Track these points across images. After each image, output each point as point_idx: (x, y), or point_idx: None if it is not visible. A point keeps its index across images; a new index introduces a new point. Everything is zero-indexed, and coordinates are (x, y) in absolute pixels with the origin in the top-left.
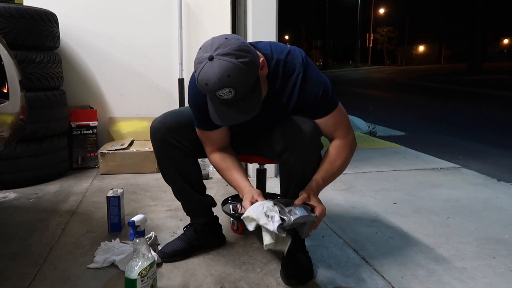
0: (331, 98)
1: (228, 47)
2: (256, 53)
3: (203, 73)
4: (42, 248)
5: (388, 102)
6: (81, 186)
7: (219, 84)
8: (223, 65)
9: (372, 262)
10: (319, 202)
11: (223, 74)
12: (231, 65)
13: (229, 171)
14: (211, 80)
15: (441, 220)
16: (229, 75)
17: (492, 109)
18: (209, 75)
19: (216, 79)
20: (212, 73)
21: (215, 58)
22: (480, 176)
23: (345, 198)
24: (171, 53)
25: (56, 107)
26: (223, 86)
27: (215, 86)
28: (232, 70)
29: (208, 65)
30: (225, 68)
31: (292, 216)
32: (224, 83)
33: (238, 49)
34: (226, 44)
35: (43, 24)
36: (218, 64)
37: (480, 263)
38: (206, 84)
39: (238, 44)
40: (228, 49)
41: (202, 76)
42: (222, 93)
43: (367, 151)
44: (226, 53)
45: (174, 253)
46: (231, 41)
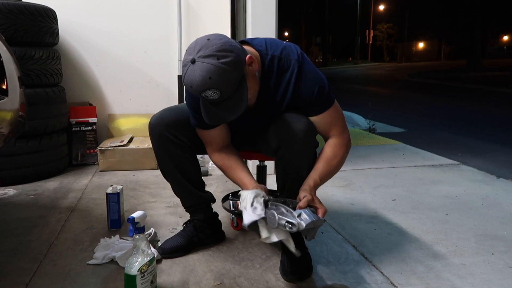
0: (327, 96)
1: (209, 48)
2: (242, 50)
3: (187, 77)
4: (42, 244)
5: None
6: (81, 182)
7: (202, 86)
8: (204, 68)
9: (371, 258)
10: (320, 203)
11: (205, 77)
12: (212, 67)
13: (233, 169)
14: (194, 83)
15: (440, 217)
16: (211, 77)
17: (492, 106)
18: (192, 78)
19: (199, 81)
20: (194, 76)
21: (196, 61)
22: (479, 173)
23: (344, 194)
24: (170, 49)
25: (55, 104)
26: (206, 88)
27: (199, 89)
28: (213, 72)
29: (191, 68)
30: (206, 70)
31: (303, 222)
32: (207, 85)
33: (220, 49)
34: (207, 46)
35: (42, 20)
36: (200, 67)
37: (478, 259)
38: (191, 86)
39: (219, 45)
40: (209, 51)
41: (186, 79)
42: (207, 94)
43: (366, 148)
44: (207, 55)
45: (174, 249)
46: (213, 42)
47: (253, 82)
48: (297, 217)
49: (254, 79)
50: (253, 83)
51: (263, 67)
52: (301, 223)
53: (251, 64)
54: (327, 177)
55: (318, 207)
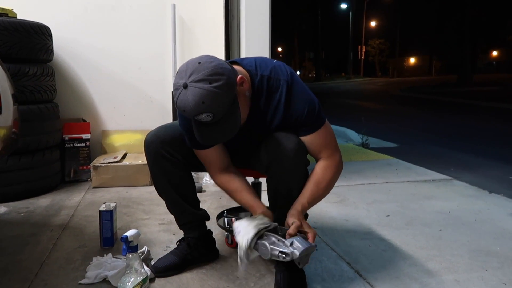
0: (317, 116)
1: (201, 72)
2: (233, 71)
3: (180, 101)
4: (33, 263)
5: (380, 113)
6: (73, 199)
7: (195, 111)
8: (197, 93)
9: (366, 276)
10: (309, 227)
11: (198, 101)
12: (205, 92)
13: (239, 192)
14: (187, 107)
15: (434, 232)
16: (204, 102)
17: (482, 121)
18: (185, 103)
19: (192, 106)
20: (187, 101)
21: (189, 86)
22: (472, 188)
23: (338, 210)
24: (164, 65)
25: (48, 120)
26: (200, 112)
27: (192, 113)
28: (206, 97)
29: (183, 93)
30: (199, 95)
31: (296, 250)
32: (200, 109)
33: (211, 73)
34: (199, 70)
35: (36, 37)
36: (192, 92)
37: (472, 276)
38: (184, 110)
39: (211, 68)
40: (201, 75)
41: (179, 104)
42: (201, 118)
43: (360, 163)
44: (199, 79)
45: (167, 267)
46: (204, 66)
47: (243, 101)
48: (289, 246)
49: (245, 98)
50: (243, 103)
51: (253, 87)
52: (294, 252)
53: (242, 84)
54: (316, 200)
55: (307, 231)
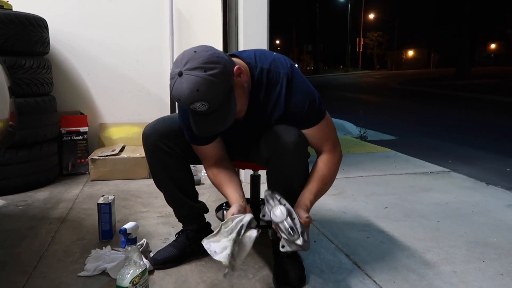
0: (318, 109)
1: (196, 60)
2: (229, 61)
3: (175, 89)
4: (32, 257)
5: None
6: (71, 192)
7: (190, 99)
8: (191, 80)
9: (364, 267)
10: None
11: (192, 89)
12: (199, 79)
13: (222, 185)
14: (182, 96)
15: (432, 224)
16: (198, 89)
17: (480, 113)
18: (179, 91)
19: (186, 94)
20: (182, 89)
21: (183, 74)
22: (469, 180)
23: (337, 203)
24: (162, 58)
25: (45, 113)
26: (194, 100)
27: (187, 101)
28: (201, 84)
29: (178, 81)
30: (193, 82)
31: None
32: (195, 97)
33: (207, 61)
34: (194, 58)
35: (32, 30)
36: (187, 80)
37: (469, 267)
38: (179, 99)
39: (206, 56)
40: (196, 63)
41: (174, 92)
42: (195, 107)
43: (358, 156)
44: (195, 67)
45: (166, 260)
46: (200, 54)
47: (241, 93)
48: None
49: (243, 90)
50: (242, 95)
51: (252, 80)
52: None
53: (239, 75)
54: (320, 194)
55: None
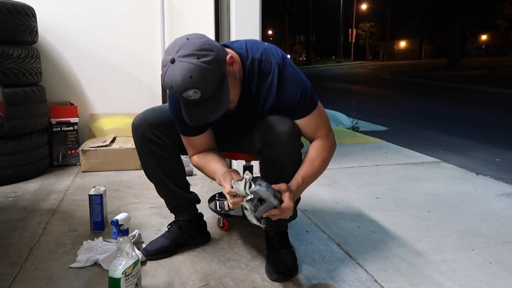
0: (310, 99)
1: (189, 47)
2: (222, 49)
3: (167, 77)
4: (22, 248)
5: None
6: (62, 184)
7: (182, 86)
8: (184, 67)
9: (355, 256)
10: (290, 199)
11: (185, 76)
12: (192, 66)
13: (207, 164)
14: (175, 83)
15: (422, 214)
16: (191, 76)
17: (471, 104)
18: (172, 78)
19: (179, 81)
20: (174, 76)
21: (176, 61)
22: (460, 170)
23: (329, 193)
24: (153, 48)
25: (35, 103)
26: (187, 87)
27: (179, 89)
28: (193, 71)
29: (171, 68)
30: (186, 69)
31: (258, 187)
32: (187, 84)
33: (200, 48)
34: (187, 45)
35: (20, 18)
36: (180, 66)
37: (459, 256)
38: (171, 87)
39: (199, 44)
40: (189, 50)
41: (166, 80)
42: (188, 94)
43: (350, 146)
44: (187, 54)
45: (159, 250)
46: (192, 41)
47: (234, 82)
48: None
49: (235, 79)
50: (234, 84)
51: (244, 70)
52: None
53: (232, 64)
54: (310, 178)
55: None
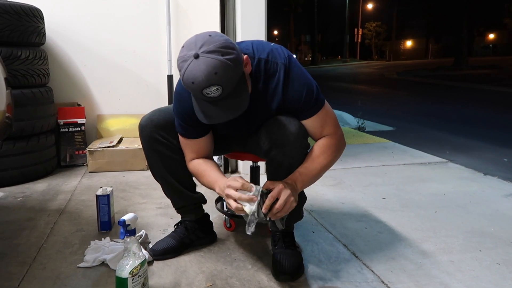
0: (316, 99)
1: (212, 44)
2: (240, 50)
3: (189, 72)
4: (31, 248)
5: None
6: (70, 184)
7: (206, 82)
8: (209, 63)
9: (362, 257)
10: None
11: (210, 72)
12: (218, 62)
13: (205, 172)
14: (198, 78)
15: (429, 214)
16: (216, 73)
17: (478, 103)
18: (195, 73)
19: (203, 76)
20: (199, 71)
21: (200, 56)
22: (467, 170)
23: (335, 193)
24: (159, 49)
25: (42, 105)
26: (210, 83)
27: (202, 84)
28: (219, 67)
29: (194, 63)
30: (211, 65)
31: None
32: (211, 80)
33: (223, 46)
34: (210, 42)
35: (28, 20)
36: (204, 62)
37: (466, 256)
38: (193, 82)
39: (222, 41)
40: (213, 47)
41: (188, 75)
42: (209, 91)
43: (356, 146)
44: (212, 50)
45: (165, 251)
46: (215, 38)
47: (248, 83)
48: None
49: (248, 80)
50: (248, 84)
51: (251, 70)
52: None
53: (246, 65)
54: (311, 173)
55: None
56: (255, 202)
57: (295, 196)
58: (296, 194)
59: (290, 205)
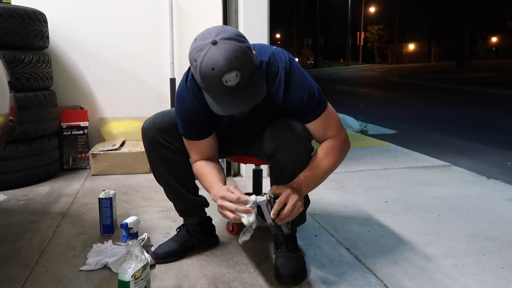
0: (318, 102)
1: (228, 32)
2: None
3: (209, 58)
4: (33, 251)
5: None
6: (72, 187)
7: (227, 66)
8: (229, 47)
9: (365, 261)
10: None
11: (231, 56)
12: (238, 47)
13: (204, 176)
14: (219, 62)
15: (432, 218)
16: (237, 57)
17: (481, 106)
18: (215, 57)
19: (225, 60)
20: (220, 55)
21: (219, 42)
22: (470, 174)
23: (337, 196)
24: (162, 52)
25: (45, 108)
26: (231, 68)
27: (223, 69)
28: (239, 52)
29: (213, 49)
30: (232, 49)
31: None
32: (233, 64)
33: (238, 34)
34: (225, 31)
35: (31, 24)
36: (224, 47)
37: (470, 260)
38: (213, 68)
39: (237, 31)
40: (229, 34)
41: (207, 61)
42: (229, 78)
43: (358, 150)
44: (229, 37)
45: (167, 254)
46: (229, 28)
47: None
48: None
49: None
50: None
51: None
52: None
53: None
54: (316, 176)
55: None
56: (252, 214)
57: (302, 201)
58: (302, 199)
59: (298, 209)
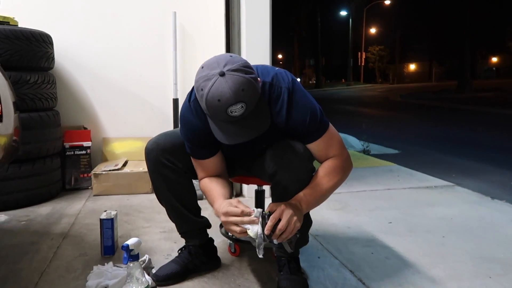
0: (320, 123)
1: (236, 63)
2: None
3: (215, 89)
4: (33, 273)
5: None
6: (74, 207)
7: (234, 98)
8: (236, 80)
9: (369, 284)
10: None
11: (238, 88)
12: (244, 80)
13: (208, 192)
14: (225, 95)
15: (437, 239)
16: (243, 89)
17: (483, 126)
18: (222, 90)
19: (232, 93)
20: (226, 87)
21: (226, 74)
22: (474, 194)
23: (340, 217)
24: (165, 73)
25: (49, 128)
26: (238, 100)
27: (230, 101)
28: (246, 84)
29: (220, 80)
30: (239, 82)
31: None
32: (239, 97)
33: (245, 65)
34: (233, 61)
35: (37, 45)
36: (232, 79)
37: (476, 283)
38: (219, 100)
39: (243, 62)
40: (237, 65)
41: (214, 92)
42: (234, 109)
43: (361, 170)
44: (236, 68)
45: (168, 276)
46: (237, 59)
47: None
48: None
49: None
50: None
51: None
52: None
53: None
54: (316, 195)
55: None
56: (258, 224)
57: (298, 216)
58: (300, 214)
59: (294, 225)
